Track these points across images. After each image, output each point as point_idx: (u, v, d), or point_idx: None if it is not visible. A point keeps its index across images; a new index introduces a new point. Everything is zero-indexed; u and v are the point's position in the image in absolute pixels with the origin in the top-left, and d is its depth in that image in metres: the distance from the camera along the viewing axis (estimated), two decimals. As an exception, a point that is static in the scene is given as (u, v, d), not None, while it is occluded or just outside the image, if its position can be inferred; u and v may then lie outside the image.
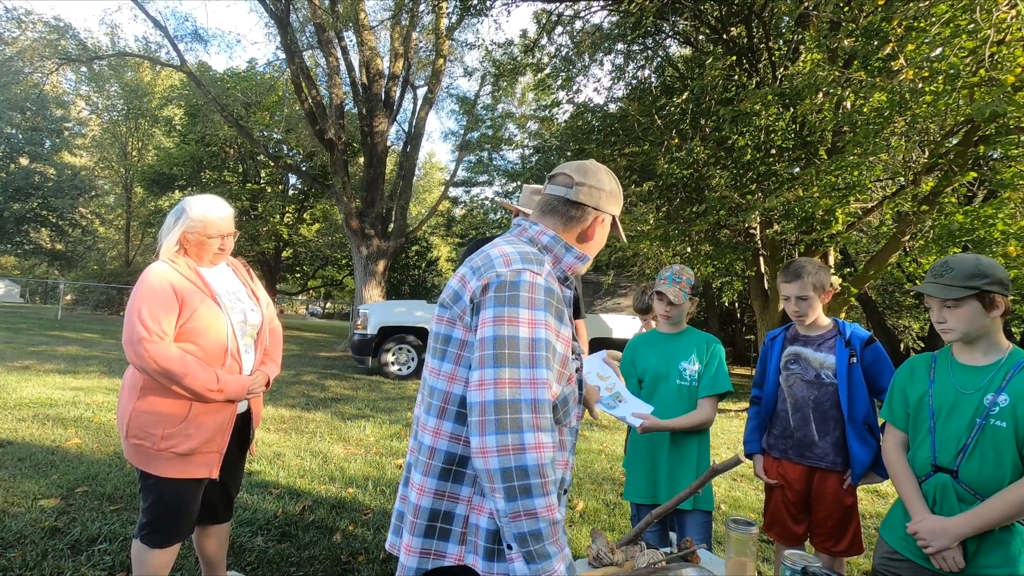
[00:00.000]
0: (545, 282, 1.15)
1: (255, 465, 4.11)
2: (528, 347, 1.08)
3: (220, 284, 2.07)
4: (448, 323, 1.19)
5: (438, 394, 1.18)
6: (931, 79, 4.77)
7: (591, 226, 1.31)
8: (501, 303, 1.09)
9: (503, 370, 1.05)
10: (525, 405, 1.05)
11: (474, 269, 1.18)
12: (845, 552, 2.15)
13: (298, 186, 23.44)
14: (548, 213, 1.32)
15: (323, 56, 13.73)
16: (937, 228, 5.83)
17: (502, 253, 1.17)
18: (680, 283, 2.29)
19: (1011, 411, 1.53)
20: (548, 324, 1.12)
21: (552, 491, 1.06)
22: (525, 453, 1.03)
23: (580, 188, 1.30)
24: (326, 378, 8.93)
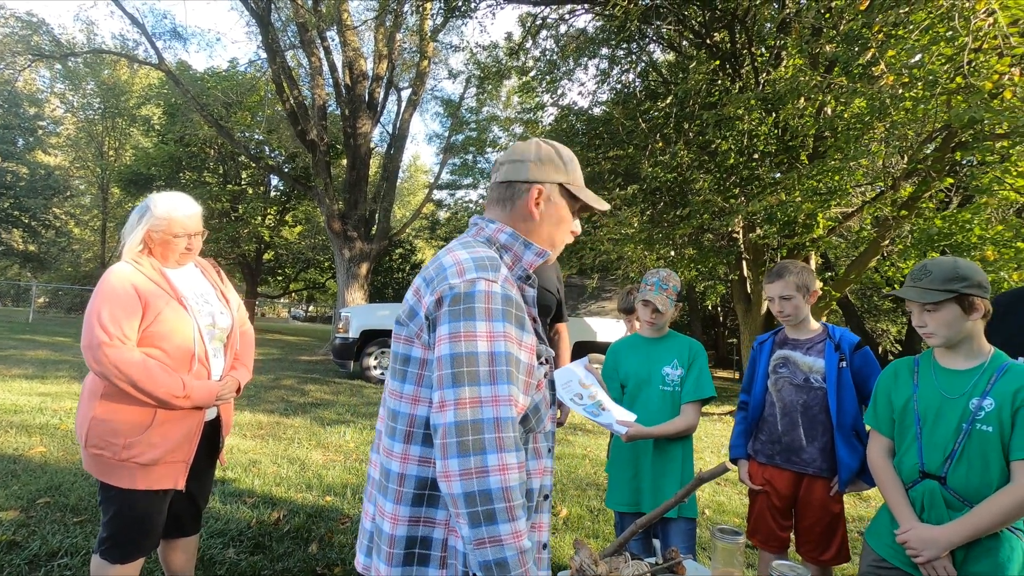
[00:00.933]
0: (502, 289, 1.08)
1: (229, 473, 3.99)
2: (487, 362, 1.02)
3: (187, 285, 1.98)
4: (406, 342, 1.13)
5: (402, 418, 1.12)
6: (911, 85, 4.83)
7: (526, 202, 1.21)
8: (456, 317, 1.03)
9: (463, 389, 1.00)
10: (487, 425, 0.99)
11: (427, 281, 1.11)
12: (831, 561, 2.12)
13: (280, 188, 23.11)
14: (491, 203, 1.26)
15: (305, 56, 13.55)
16: (916, 233, 5.91)
17: (456, 260, 1.10)
18: (667, 290, 2.26)
19: (996, 415, 1.52)
20: (508, 335, 1.05)
21: (520, 516, 1.00)
22: (488, 476, 0.97)
23: (503, 167, 1.24)
24: (306, 382, 8.77)
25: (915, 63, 4.92)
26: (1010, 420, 1.50)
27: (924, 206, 6.33)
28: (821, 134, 6.41)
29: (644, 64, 9.30)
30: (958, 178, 6.71)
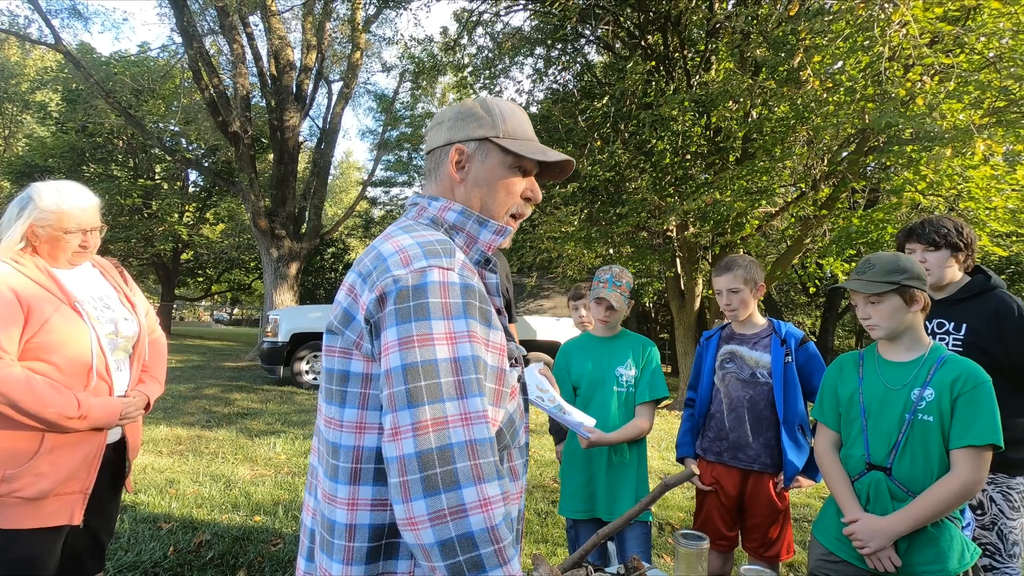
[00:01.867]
0: (461, 278, 0.87)
1: (141, 496, 3.60)
2: (451, 371, 0.81)
3: (82, 289, 1.70)
4: (342, 354, 0.90)
5: (345, 452, 0.88)
6: (834, 90, 5.10)
7: (447, 167, 1.02)
8: (405, 317, 0.82)
9: (421, 409, 0.78)
10: (458, 451, 0.79)
11: (363, 275, 0.89)
12: (777, 557, 2.13)
13: (199, 183, 21.63)
14: (426, 177, 1.08)
15: (226, 42, 12.72)
16: (835, 231, 6.27)
17: (397, 248, 0.89)
18: (620, 287, 2.20)
19: (936, 405, 1.55)
20: (473, 334, 0.86)
21: (512, 556, 0.81)
22: (467, 516, 0.77)
23: (426, 139, 1.09)
24: (231, 391, 8.20)
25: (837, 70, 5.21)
26: (949, 409, 1.53)
27: (841, 206, 6.74)
28: (749, 136, 6.68)
29: (579, 65, 9.38)
30: (869, 180, 7.20)
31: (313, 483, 1.00)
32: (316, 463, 0.99)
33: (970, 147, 4.48)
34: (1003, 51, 4.89)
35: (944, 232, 2.04)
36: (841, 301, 16.33)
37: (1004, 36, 4.84)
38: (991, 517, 1.91)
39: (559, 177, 1.12)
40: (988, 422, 1.48)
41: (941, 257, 2.05)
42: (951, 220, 2.10)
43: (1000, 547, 1.90)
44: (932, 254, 2.06)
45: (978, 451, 1.48)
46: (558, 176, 1.12)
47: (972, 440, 1.48)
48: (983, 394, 1.51)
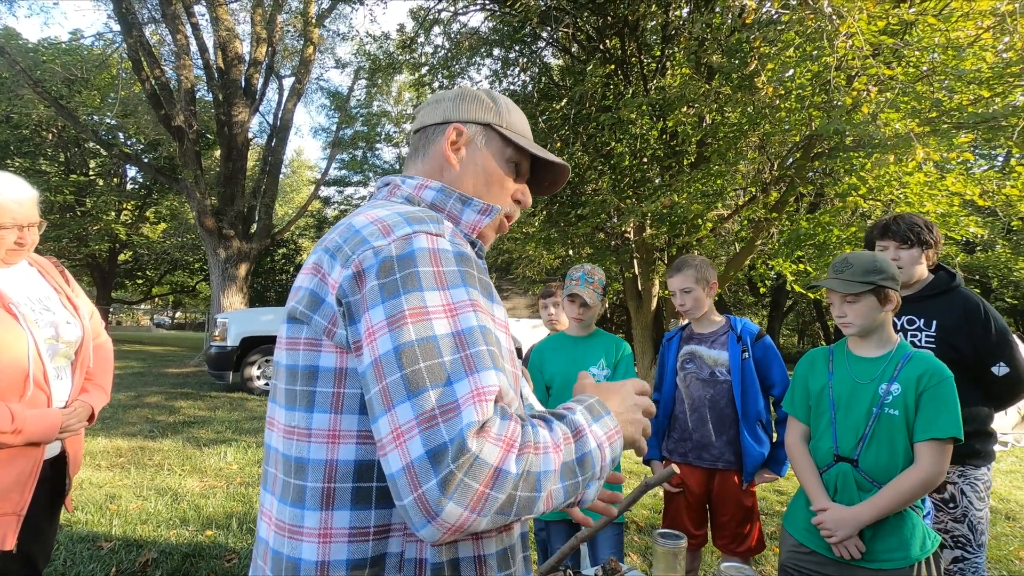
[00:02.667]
0: (452, 244, 0.74)
1: (79, 514, 3.35)
2: (456, 346, 0.66)
3: (18, 290, 1.55)
4: (309, 346, 0.74)
5: (314, 469, 0.71)
6: (785, 97, 5.31)
7: (441, 146, 0.92)
8: (393, 292, 0.67)
9: (425, 396, 0.63)
10: (466, 435, 0.63)
11: (332, 251, 0.75)
12: (748, 552, 2.17)
13: (139, 179, 20.53)
14: (408, 159, 0.98)
15: (169, 32, 12.10)
16: (784, 234, 6.53)
17: (373, 219, 0.75)
18: (593, 283, 2.19)
19: (902, 399, 1.61)
20: (476, 303, 0.72)
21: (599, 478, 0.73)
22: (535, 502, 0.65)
23: (418, 114, 0.98)
24: (176, 398, 7.78)
25: (787, 78, 5.43)
26: (914, 404, 1.59)
27: (790, 209, 7.02)
28: (704, 140, 6.87)
29: (537, 67, 9.42)
30: (815, 185, 7.54)
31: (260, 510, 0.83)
32: (268, 491, 0.80)
33: (910, 154, 4.75)
34: (935, 65, 5.21)
35: (917, 230, 2.07)
36: (786, 301, 17.04)
37: (936, 51, 5.16)
38: (962, 510, 1.96)
39: (548, 190, 1.04)
40: (951, 416, 1.55)
41: (913, 255, 2.08)
42: (921, 218, 2.12)
43: (971, 538, 1.95)
44: (905, 251, 2.09)
45: (941, 444, 1.54)
46: (547, 188, 1.03)
47: (936, 433, 1.54)
48: (946, 389, 1.58)
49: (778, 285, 3.64)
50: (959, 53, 4.91)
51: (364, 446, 0.71)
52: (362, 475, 0.71)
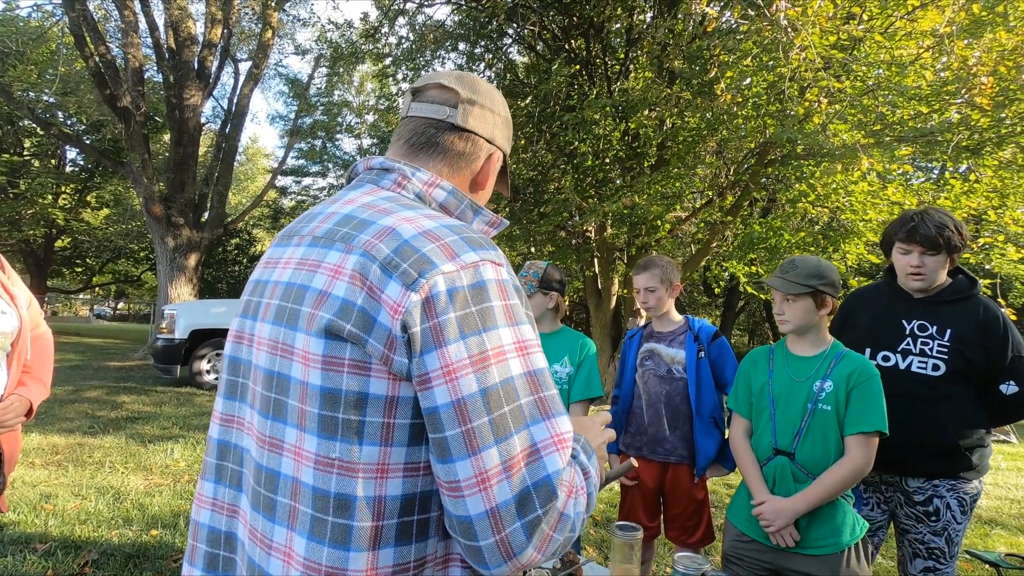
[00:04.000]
0: (511, 276, 0.72)
1: (11, 515, 3.16)
2: (530, 388, 0.66)
3: (-53, 276, 1.45)
4: (356, 370, 0.66)
5: (362, 506, 0.65)
6: (743, 104, 5.50)
7: (484, 168, 0.88)
8: (473, 328, 0.65)
9: (511, 441, 0.63)
10: (554, 483, 0.65)
11: (384, 264, 0.67)
12: (699, 543, 2.25)
13: (80, 162, 19.39)
14: (422, 148, 0.85)
15: (116, 8, 11.47)
16: (740, 236, 6.76)
17: (421, 230, 0.69)
18: (527, 276, 2.22)
19: (834, 396, 1.70)
20: (538, 343, 0.72)
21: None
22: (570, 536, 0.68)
23: (470, 108, 0.85)
24: (118, 392, 7.42)
25: (745, 86, 5.62)
26: (844, 400, 1.69)
27: (744, 213, 7.28)
28: (664, 143, 7.04)
29: (502, 64, 9.42)
30: (767, 190, 7.84)
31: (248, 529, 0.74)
32: (261, 514, 0.72)
33: (856, 164, 4.99)
34: (880, 80, 5.50)
35: (947, 234, 1.81)
36: (738, 302, 17.64)
37: (881, 67, 5.45)
38: (943, 524, 1.86)
39: None
40: (877, 411, 1.65)
41: (939, 261, 1.85)
42: (950, 217, 1.85)
43: (945, 550, 1.87)
44: (931, 258, 1.85)
45: (868, 437, 1.65)
46: None
47: (864, 427, 1.64)
48: (874, 386, 1.68)
49: (731, 286, 3.82)
50: (902, 70, 5.20)
51: (409, 479, 0.67)
52: (406, 510, 0.67)
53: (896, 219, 2.00)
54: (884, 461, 1.84)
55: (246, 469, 0.76)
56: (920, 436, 1.84)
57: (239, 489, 0.77)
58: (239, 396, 0.78)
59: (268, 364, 0.73)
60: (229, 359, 0.82)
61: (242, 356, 0.79)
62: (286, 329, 0.71)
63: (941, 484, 1.87)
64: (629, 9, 7.26)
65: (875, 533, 2.00)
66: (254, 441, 0.74)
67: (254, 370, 0.76)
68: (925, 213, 1.87)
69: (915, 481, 1.90)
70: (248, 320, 0.79)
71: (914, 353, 1.89)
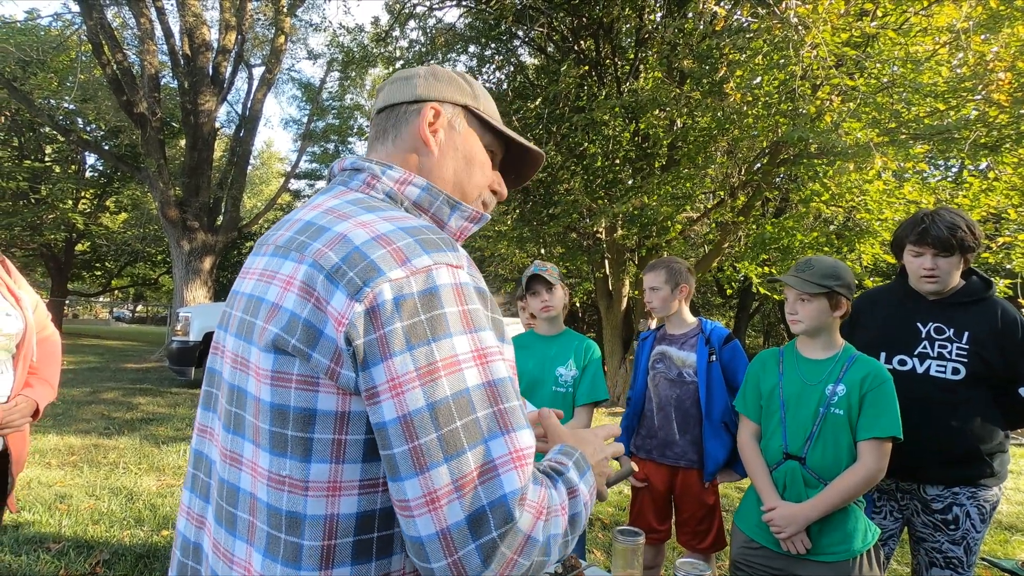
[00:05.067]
0: (472, 278, 0.68)
1: (26, 515, 3.21)
2: (488, 399, 0.62)
3: (-45, 280, 1.48)
4: (303, 385, 0.64)
5: (312, 525, 0.63)
6: (753, 104, 5.44)
7: (417, 127, 0.82)
8: (421, 338, 0.61)
9: (463, 458, 0.59)
10: (511, 503, 0.60)
11: (327, 270, 0.64)
12: (709, 548, 2.22)
13: (99, 167, 19.75)
14: (375, 140, 0.86)
15: (133, 16, 11.68)
16: (751, 237, 6.69)
17: (374, 234, 0.66)
18: (547, 270, 2.22)
19: (846, 400, 1.67)
20: (501, 351, 0.67)
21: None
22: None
23: (382, 91, 0.87)
24: (134, 394, 7.53)
25: (755, 85, 5.57)
26: (858, 404, 1.66)
27: (756, 213, 7.21)
28: (675, 143, 7.00)
29: (512, 66, 9.43)
30: (780, 190, 7.75)
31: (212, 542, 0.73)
32: (223, 528, 0.71)
33: (869, 162, 4.91)
34: (895, 77, 5.41)
35: (960, 235, 1.76)
36: (752, 303, 17.45)
37: (896, 64, 5.36)
38: (962, 532, 1.81)
39: (516, 182, 0.97)
40: (891, 417, 1.62)
41: (953, 262, 1.80)
42: (963, 217, 1.81)
43: (963, 559, 1.83)
44: (944, 259, 1.80)
45: (881, 442, 1.61)
46: (515, 181, 0.97)
47: (877, 433, 1.61)
48: (888, 391, 1.64)
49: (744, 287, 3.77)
50: (917, 67, 5.10)
51: (366, 496, 0.65)
52: (363, 527, 0.64)
53: (907, 220, 1.95)
54: (901, 467, 1.81)
55: (213, 481, 0.75)
56: (939, 442, 1.80)
57: (207, 500, 0.76)
58: (212, 407, 0.78)
59: (230, 378, 0.72)
60: (207, 370, 0.81)
61: (216, 367, 0.78)
62: (243, 343, 0.70)
63: (961, 492, 1.81)
64: (638, 9, 7.23)
65: (886, 542, 1.95)
66: (218, 453, 0.73)
67: (221, 383, 0.75)
68: (936, 214, 1.82)
69: (934, 489, 1.85)
70: (221, 331, 0.78)
71: (932, 357, 1.84)
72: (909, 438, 1.64)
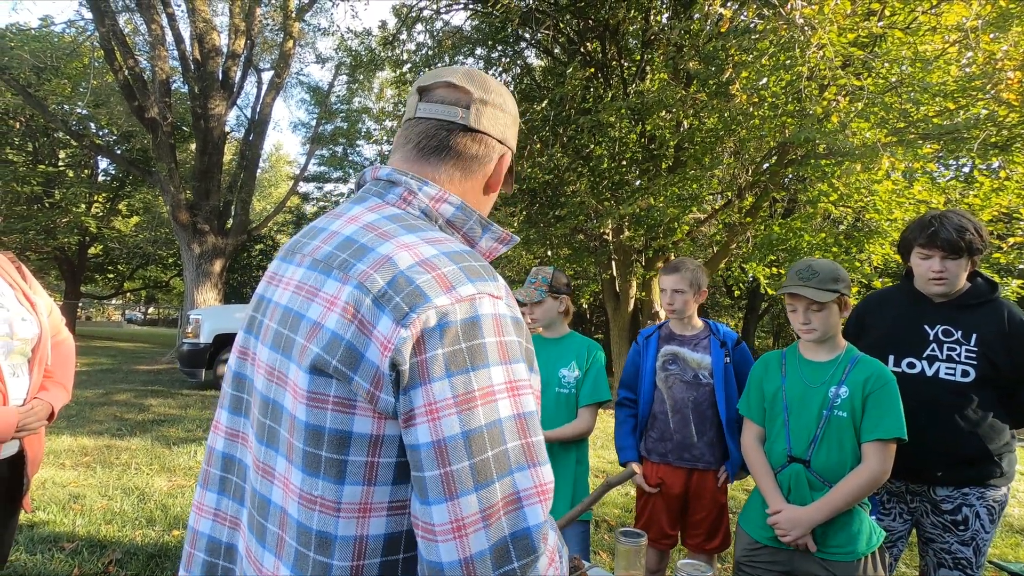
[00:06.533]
0: (510, 309, 0.68)
1: (40, 514, 3.27)
2: (518, 432, 0.64)
3: (-28, 285, 1.52)
4: (340, 407, 0.64)
5: (342, 546, 0.64)
6: (759, 105, 5.43)
7: (496, 170, 0.84)
8: (460, 366, 0.62)
9: (492, 488, 0.60)
10: (534, 536, 0.62)
11: (376, 297, 0.64)
12: (717, 548, 2.22)
13: (111, 171, 20.00)
14: (433, 153, 0.80)
15: (144, 22, 11.83)
16: (759, 238, 6.66)
17: (419, 259, 0.66)
18: (535, 283, 2.22)
19: (849, 402, 1.67)
20: (531, 383, 0.68)
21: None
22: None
23: (482, 108, 0.81)
24: (146, 396, 7.62)
25: (761, 86, 5.56)
26: (861, 406, 1.66)
27: (763, 214, 7.18)
28: (681, 145, 6.99)
29: (519, 67, 9.46)
30: (788, 191, 7.71)
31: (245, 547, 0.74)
32: (254, 537, 0.73)
33: (876, 163, 4.88)
34: (903, 77, 5.37)
35: (969, 237, 1.77)
36: (761, 304, 17.35)
37: (904, 63, 5.32)
38: (971, 533, 1.82)
39: None
40: (895, 418, 1.61)
41: (961, 265, 1.81)
42: (970, 220, 1.81)
43: (973, 560, 1.83)
44: (952, 262, 1.80)
45: (885, 444, 1.61)
46: None
47: (881, 434, 1.61)
48: (891, 392, 1.64)
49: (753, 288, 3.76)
50: (926, 66, 5.07)
51: (394, 517, 0.66)
52: (391, 548, 0.66)
53: (914, 222, 1.94)
54: (910, 469, 1.82)
55: (247, 487, 0.76)
56: (947, 443, 1.80)
57: (242, 504, 0.77)
58: (244, 412, 0.78)
59: (264, 390, 0.73)
60: (235, 374, 0.81)
61: (246, 373, 0.79)
62: (282, 357, 0.70)
63: (971, 492, 1.82)
64: (644, 11, 7.23)
65: (895, 543, 1.95)
66: (252, 462, 0.75)
67: (254, 392, 0.76)
68: (945, 216, 1.82)
69: (943, 490, 1.85)
70: (252, 338, 0.79)
71: (941, 359, 1.84)
72: (917, 440, 1.63)
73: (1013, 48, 4.68)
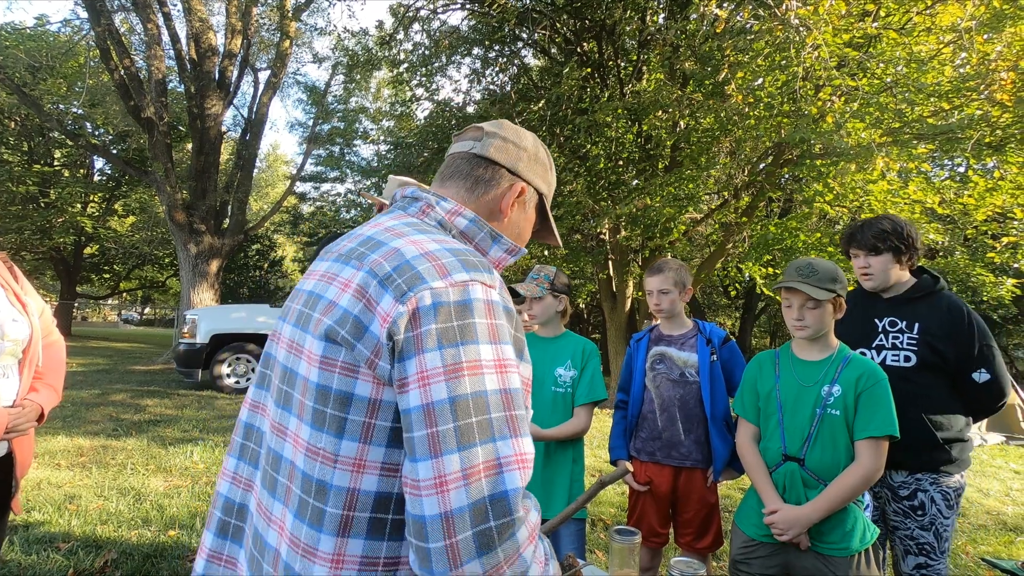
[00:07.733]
0: (502, 298, 0.77)
1: (35, 515, 3.26)
2: (503, 404, 0.70)
3: (-37, 286, 1.52)
4: (345, 371, 0.73)
5: (336, 494, 0.72)
6: (755, 105, 5.44)
7: (503, 196, 0.94)
8: (451, 339, 0.70)
9: (474, 451, 0.67)
10: (512, 499, 0.67)
11: (380, 277, 0.74)
12: (708, 548, 2.22)
13: (107, 171, 19.93)
14: (450, 177, 0.95)
15: (140, 21, 11.80)
16: (755, 237, 6.68)
17: (423, 251, 0.76)
18: (537, 279, 2.23)
19: (842, 400, 1.68)
20: (517, 366, 0.76)
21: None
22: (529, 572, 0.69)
23: (491, 140, 0.95)
24: (142, 396, 7.60)
25: (757, 86, 5.57)
26: (853, 404, 1.67)
27: (760, 214, 7.20)
28: (677, 144, 7.00)
29: (516, 67, 9.46)
30: (784, 191, 7.73)
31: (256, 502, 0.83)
32: (266, 490, 0.82)
33: (871, 163, 4.90)
34: (898, 77, 5.40)
35: (884, 236, 2.00)
36: (757, 303, 17.39)
37: (899, 64, 5.34)
38: (930, 518, 1.93)
39: None
40: (887, 415, 1.63)
41: (884, 261, 2.03)
42: (891, 220, 2.04)
43: (935, 545, 1.93)
44: (875, 259, 2.04)
45: (878, 441, 1.62)
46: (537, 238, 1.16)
47: (873, 432, 1.62)
48: (882, 390, 1.65)
49: (749, 288, 3.77)
50: (921, 67, 5.08)
51: (387, 478, 0.73)
52: (380, 506, 0.73)
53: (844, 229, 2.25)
54: None
55: (262, 450, 0.85)
56: (900, 430, 1.86)
57: (256, 467, 0.86)
58: (266, 386, 0.88)
59: (284, 360, 0.83)
60: (264, 355, 0.92)
61: (272, 352, 0.89)
62: (300, 331, 0.81)
63: (924, 478, 1.95)
64: (640, 11, 7.24)
65: (884, 543, 1.98)
66: (268, 426, 0.84)
67: (276, 365, 0.86)
68: (868, 220, 2.07)
69: (899, 475, 1.98)
70: (282, 321, 0.90)
71: (887, 347, 2.02)
72: None
73: (1007, 49, 4.71)
